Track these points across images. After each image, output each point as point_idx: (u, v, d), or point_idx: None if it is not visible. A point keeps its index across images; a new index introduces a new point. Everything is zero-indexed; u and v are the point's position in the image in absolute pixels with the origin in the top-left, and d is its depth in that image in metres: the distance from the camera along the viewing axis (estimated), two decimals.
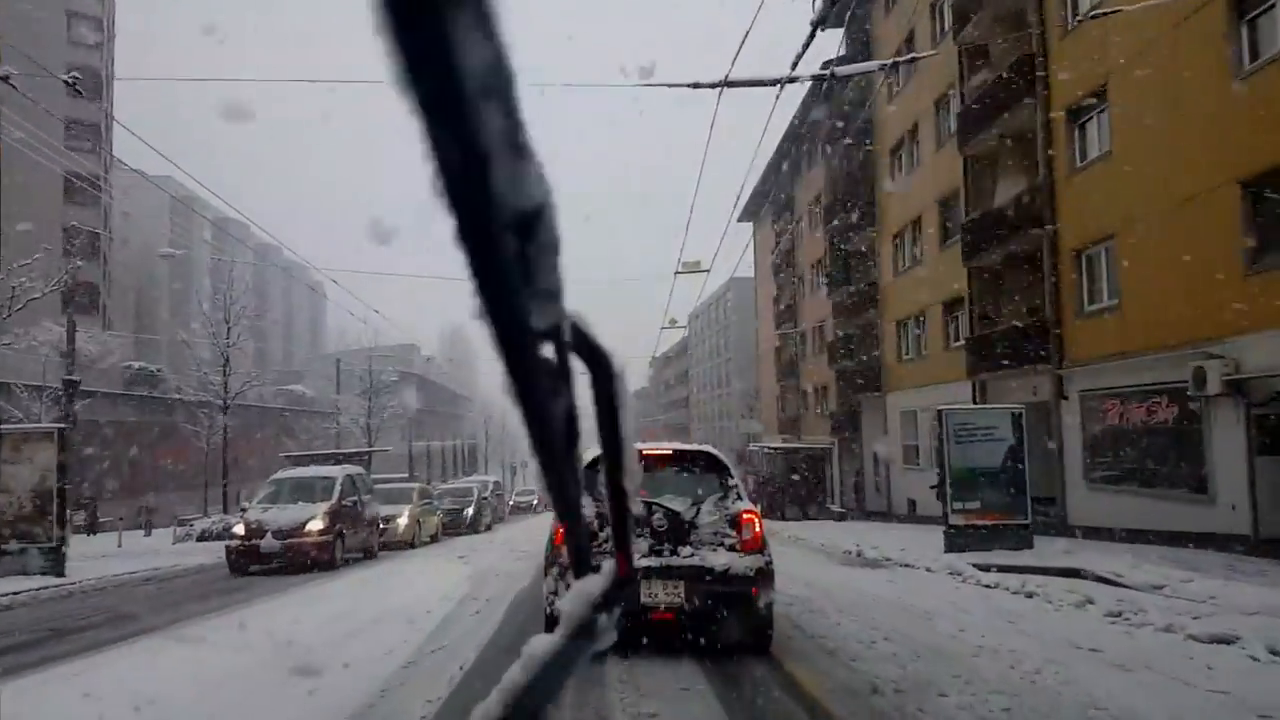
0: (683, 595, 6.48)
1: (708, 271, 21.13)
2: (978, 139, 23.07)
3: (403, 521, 20.12)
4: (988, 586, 11.22)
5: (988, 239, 22.35)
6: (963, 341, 24.52)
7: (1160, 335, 15.94)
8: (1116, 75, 17.40)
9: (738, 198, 15.42)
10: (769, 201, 48.58)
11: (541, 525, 8.47)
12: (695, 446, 7.89)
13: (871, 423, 33.68)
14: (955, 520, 14.78)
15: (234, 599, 11.65)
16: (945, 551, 14.75)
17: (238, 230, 49.94)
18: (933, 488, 28.11)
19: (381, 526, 19.39)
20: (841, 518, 29.36)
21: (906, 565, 13.97)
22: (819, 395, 41.45)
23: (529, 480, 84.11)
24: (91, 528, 32.28)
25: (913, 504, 28.44)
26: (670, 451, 7.41)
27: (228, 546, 15.40)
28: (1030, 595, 10.21)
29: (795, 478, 30.50)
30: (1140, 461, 17.10)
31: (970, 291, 23.99)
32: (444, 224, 0.47)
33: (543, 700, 0.68)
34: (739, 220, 41.06)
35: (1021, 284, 22.14)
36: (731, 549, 6.73)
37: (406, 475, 44.74)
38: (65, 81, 13.77)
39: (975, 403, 22.75)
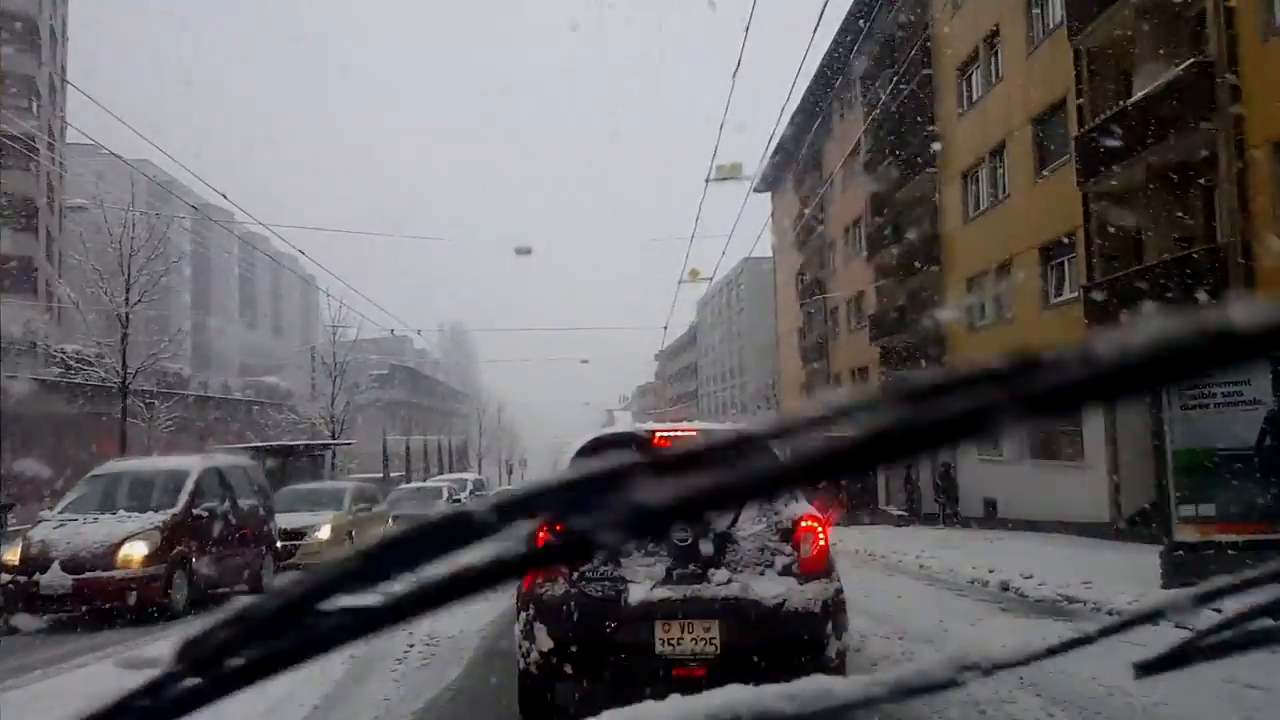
0: (717, 641, 4.45)
1: (750, 180, 15.59)
2: (1100, 21, 17.34)
3: (322, 535, 14.26)
4: None
5: (1118, 150, 16.61)
6: (1077, 293, 18.75)
7: None
8: None
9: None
10: (803, 149, 42.71)
11: None
12: (729, 427, 3.32)
13: None
14: (1185, 534, 8.96)
15: None
16: (1165, 585, 9.01)
17: (221, 217, 44.60)
18: (937, 483, 23.46)
19: (290, 544, 13.68)
20: (904, 522, 23.65)
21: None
22: (856, 378, 35.86)
23: (526, 479, 78.46)
24: None
25: (991, 505, 22.79)
26: (694, 435, 4.79)
27: None
28: None
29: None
30: None
31: (1087, 225, 18.22)
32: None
33: None
34: (755, 191, 35.79)
35: (1171, 205, 16.42)
36: (786, 572, 4.70)
37: (381, 475, 39.51)
38: None
39: None
